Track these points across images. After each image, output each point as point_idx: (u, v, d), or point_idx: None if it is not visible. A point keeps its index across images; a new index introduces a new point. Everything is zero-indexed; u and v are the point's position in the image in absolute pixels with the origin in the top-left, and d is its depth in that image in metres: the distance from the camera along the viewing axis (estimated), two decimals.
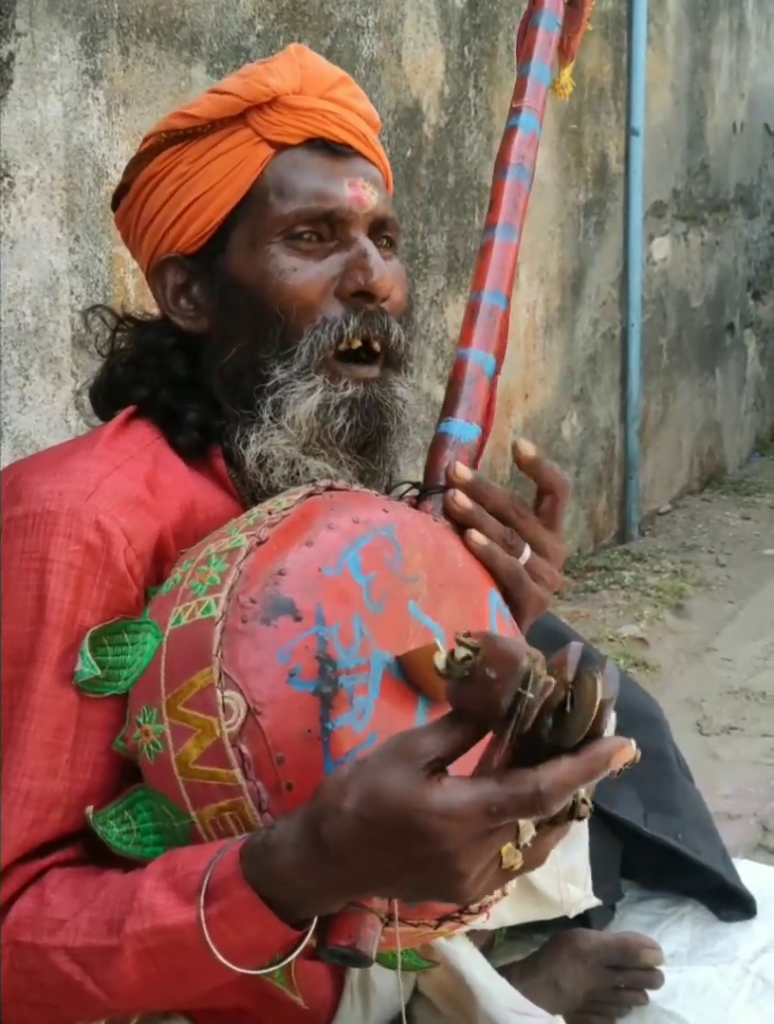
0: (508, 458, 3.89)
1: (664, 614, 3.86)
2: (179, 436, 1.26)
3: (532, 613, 1.25)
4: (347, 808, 0.93)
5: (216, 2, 2.49)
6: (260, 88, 1.28)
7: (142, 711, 1.07)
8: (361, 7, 2.99)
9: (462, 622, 1.14)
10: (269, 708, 1.02)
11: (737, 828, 2.46)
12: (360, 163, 1.31)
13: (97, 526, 1.15)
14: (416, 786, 0.91)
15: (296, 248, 1.27)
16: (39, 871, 1.11)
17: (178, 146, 1.30)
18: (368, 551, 1.11)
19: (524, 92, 1.52)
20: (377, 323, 1.27)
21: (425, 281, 3.36)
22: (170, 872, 1.02)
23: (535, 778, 0.89)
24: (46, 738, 1.12)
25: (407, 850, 0.92)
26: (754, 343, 6.19)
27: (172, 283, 1.32)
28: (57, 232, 2.15)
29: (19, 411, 2.10)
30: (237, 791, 1.02)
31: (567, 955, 1.64)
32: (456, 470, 1.25)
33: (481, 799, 0.90)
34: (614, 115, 4.42)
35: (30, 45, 2.07)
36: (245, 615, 1.05)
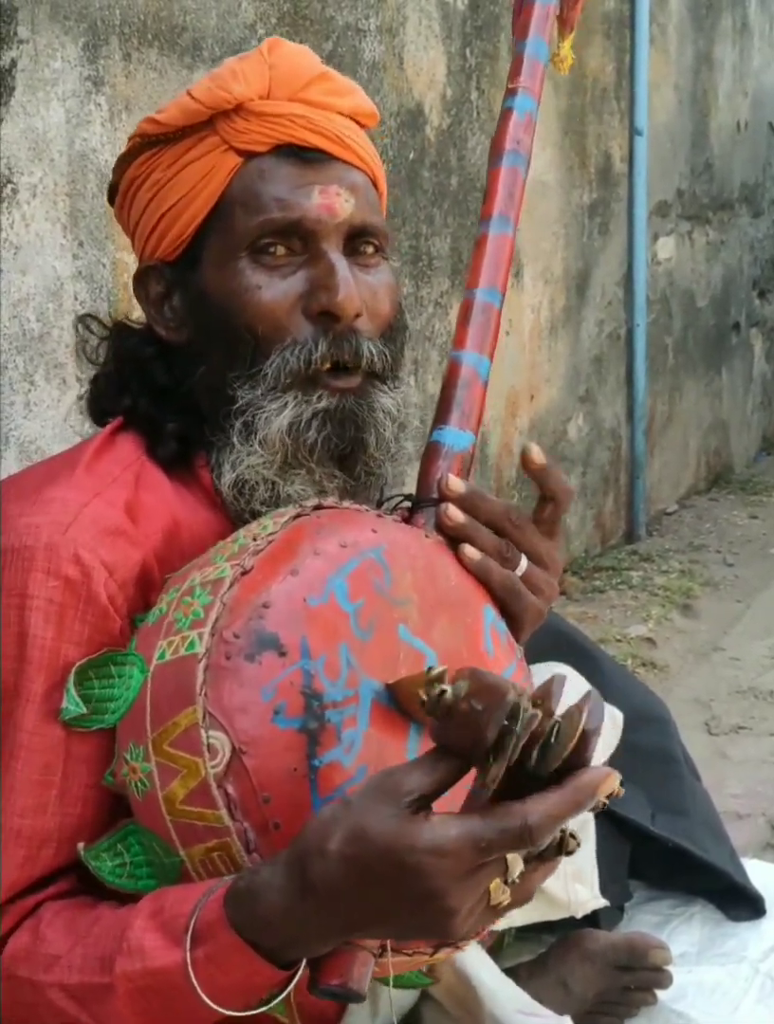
0: (514, 459, 3.89)
1: (672, 614, 3.86)
2: (158, 449, 1.23)
3: (530, 625, 1.22)
4: (332, 849, 0.92)
5: (217, 7, 2.50)
6: (223, 95, 1.23)
7: (129, 748, 1.06)
8: (363, 10, 2.99)
9: (455, 643, 1.12)
10: (254, 747, 1.01)
11: (746, 827, 2.46)
12: (337, 168, 1.24)
13: (76, 560, 1.12)
14: (402, 824, 0.90)
15: (262, 264, 1.22)
16: (34, 905, 1.10)
17: (153, 151, 1.26)
18: (355, 576, 1.08)
19: (520, 71, 1.44)
20: (346, 346, 1.21)
21: (429, 283, 3.36)
22: (158, 912, 1.01)
23: (523, 811, 0.88)
24: (34, 776, 1.11)
25: (395, 889, 0.91)
26: (760, 342, 6.18)
27: (154, 291, 1.28)
28: (61, 238, 2.15)
29: (24, 417, 2.10)
30: (224, 832, 1.01)
31: (575, 956, 1.63)
32: (449, 483, 1.20)
33: (470, 834, 0.89)
34: (617, 115, 4.42)
35: (32, 52, 2.08)
36: (229, 651, 1.03)
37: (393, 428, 1.25)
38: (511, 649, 1.19)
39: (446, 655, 1.11)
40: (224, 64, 1.27)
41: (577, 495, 4.33)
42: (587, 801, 0.91)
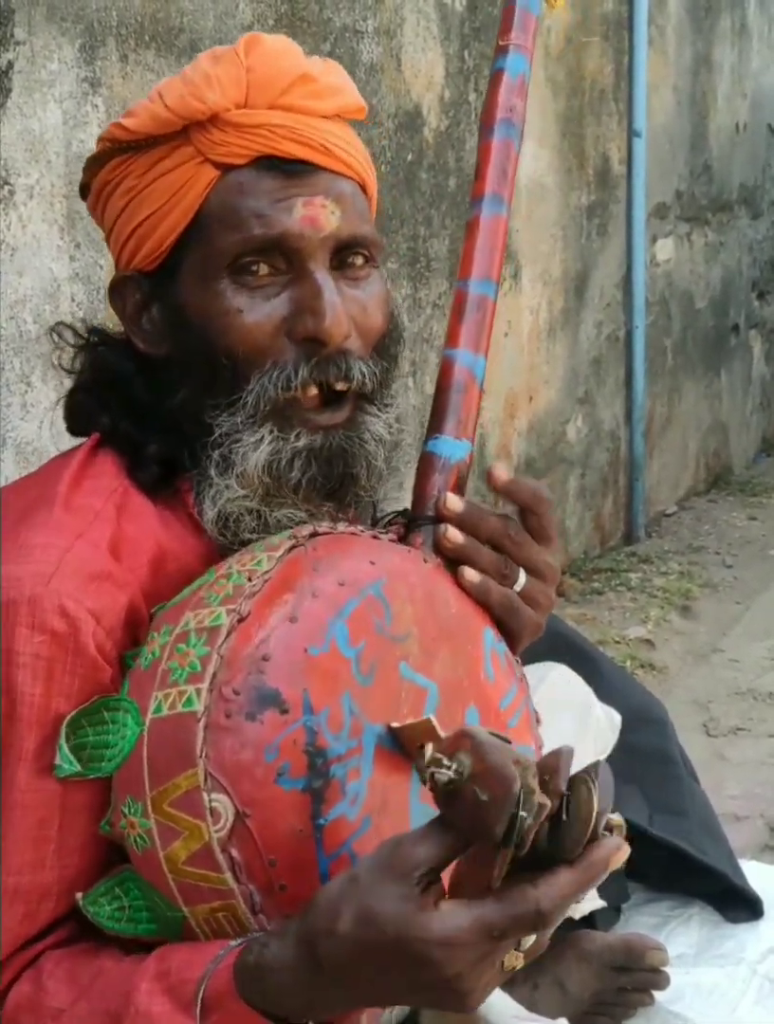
0: (513, 461, 3.89)
1: (671, 615, 3.85)
2: (139, 473, 1.17)
3: (528, 638, 1.20)
4: (342, 931, 0.90)
5: (215, 9, 2.50)
6: (196, 105, 1.14)
7: (127, 802, 1.03)
8: (360, 12, 2.99)
9: (456, 673, 1.10)
10: (258, 809, 0.99)
11: (744, 829, 2.46)
12: (322, 178, 1.16)
13: (61, 612, 1.07)
14: (412, 911, 0.88)
15: (244, 284, 1.14)
16: (34, 955, 1.09)
17: (125, 156, 1.18)
18: (355, 618, 1.05)
19: (511, 26, 1.30)
20: (334, 370, 1.15)
21: (427, 285, 3.36)
22: (165, 975, 1.00)
23: (535, 897, 0.87)
24: (30, 832, 1.08)
25: (407, 975, 0.90)
26: (759, 343, 6.18)
27: (131, 302, 1.21)
28: (58, 239, 2.15)
29: (21, 418, 2.10)
30: (229, 894, 0.99)
31: (572, 957, 1.64)
32: (447, 502, 1.16)
33: (481, 924, 0.88)
34: (616, 117, 4.41)
35: (29, 53, 2.08)
36: (229, 709, 1.00)
37: (385, 453, 1.20)
38: (511, 669, 1.18)
39: (447, 687, 1.10)
40: (197, 64, 1.18)
41: (576, 496, 4.33)
42: (600, 876, 0.89)
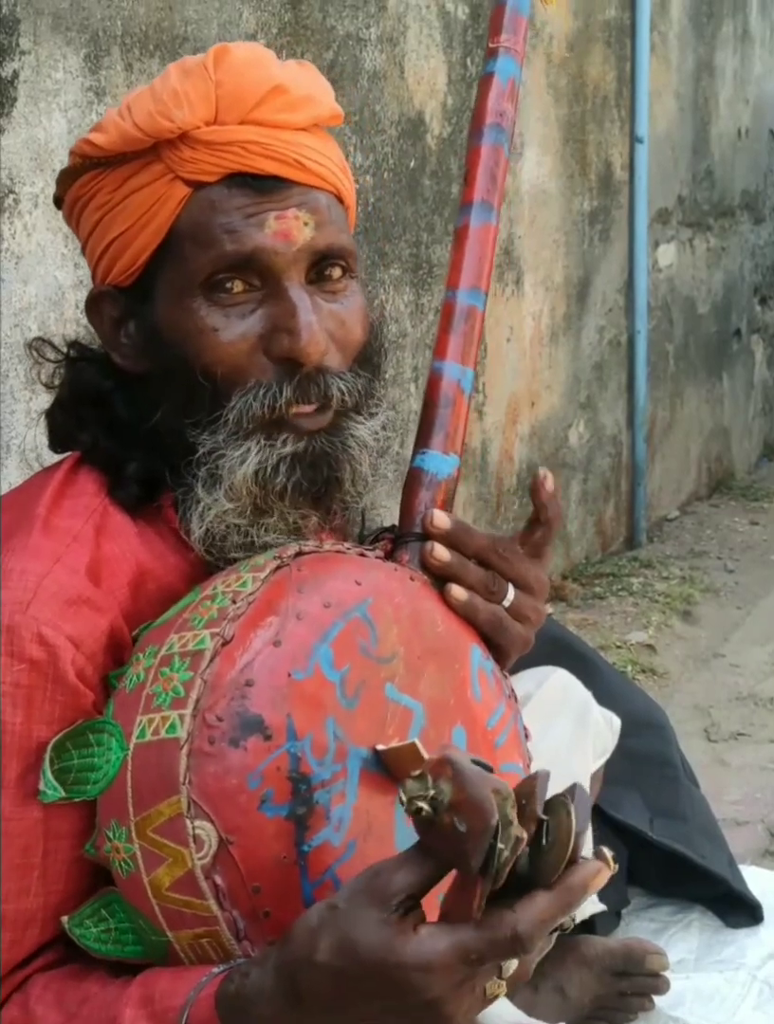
0: (515, 466, 3.90)
1: (672, 620, 3.86)
2: (118, 491, 1.17)
3: (516, 654, 1.20)
4: (321, 961, 0.90)
5: (219, 17, 2.51)
6: (164, 124, 1.11)
7: (111, 826, 1.03)
8: (363, 20, 3.01)
9: (443, 692, 1.10)
10: (241, 837, 0.99)
11: (745, 834, 2.47)
12: (294, 192, 1.13)
13: (40, 640, 1.07)
14: (390, 937, 0.88)
15: (218, 303, 1.13)
16: (22, 980, 1.10)
17: (96, 172, 1.16)
18: (340, 641, 1.05)
19: (500, 27, 1.28)
20: (314, 389, 1.14)
21: (430, 291, 3.37)
22: (149, 1001, 1.00)
23: (512, 920, 0.87)
24: (14, 860, 1.08)
25: (387, 1001, 0.90)
26: (761, 348, 6.18)
27: (108, 317, 1.20)
28: (62, 247, 2.17)
29: (26, 425, 2.12)
30: (213, 920, 1.00)
31: (572, 961, 1.64)
32: (434, 519, 1.15)
33: (458, 948, 0.87)
34: (618, 123, 4.43)
35: (34, 63, 2.09)
36: (212, 736, 1.00)
37: (370, 459, 1.18)
38: (499, 687, 1.17)
39: (433, 707, 1.09)
40: (166, 78, 1.15)
41: (578, 501, 4.34)
42: (579, 900, 0.89)
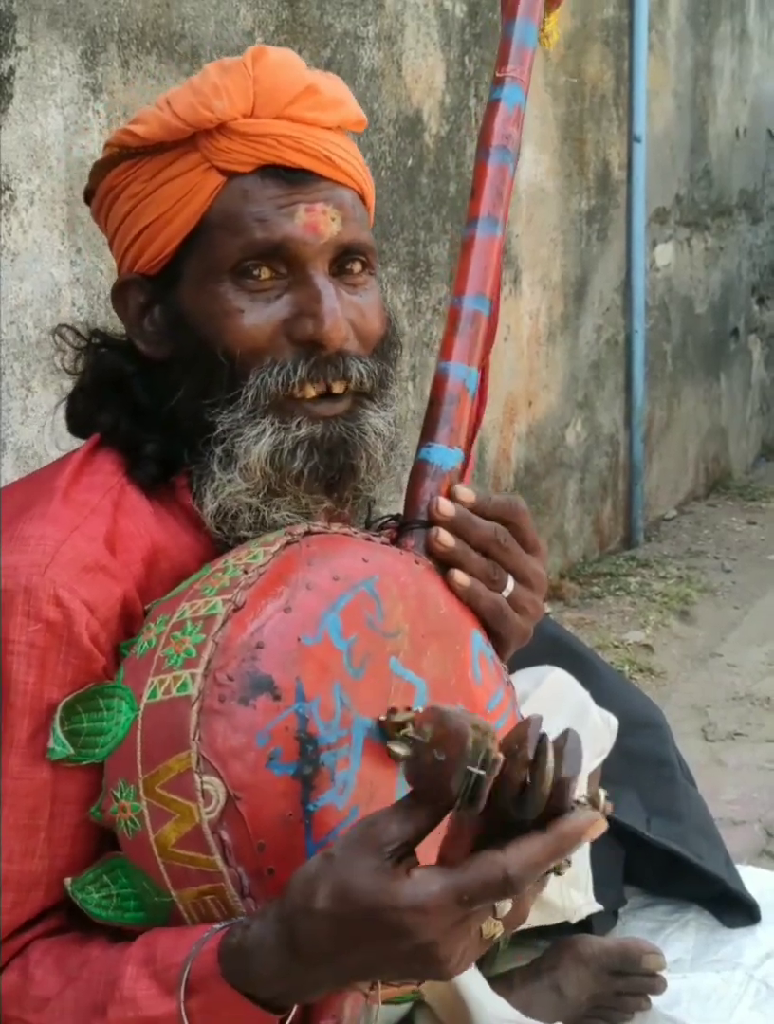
0: (512, 466, 3.89)
1: (669, 620, 3.86)
2: (136, 470, 1.21)
3: (515, 644, 1.22)
4: (318, 909, 0.92)
5: (216, 14, 2.51)
6: (205, 114, 1.18)
7: (119, 785, 1.05)
8: (361, 18, 3.00)
9: (445, 672, 1.12)
10: (249, 794, 1.00)
11: (742, 834, 2.46)
12: (323, 187, 1.20)
13: (56, 601, 1.10)
14: (384, 881, 0.90)
15: (245, 288, 1.18)
16: (22, 945, 1.11)
17: (132, 162, 1.22)
18: (348, 611, 1.08)
19: (508, 58, 1.37)
20: (332, 370, 1.18)
21: (427, 290, 3.37)
22: (150, 960, 1.02)
23: (503, 862, 0.89)
24: (21, 820, 1.10)
25: (384, 945, 0.92)
26: (759, 348, 6.18)
27: (134, 304, 1.25)
28: (59, 245, 2.16)
29: (21, 423, 2.11)
30: (218, 877, 1.01)
31: (569, 960, 1.64)
32: (439, 506, 1.19)
33: (451, 889, 0.89)
34: (616, 122, 4.42)
35: (30, 59, 2.09)
36: (222, 694, 1.02)
37: (384, 449, 1.22)
38: (498, 674, 1.19)
39: (435, 685, 1.11)
40: (205, 74, 1.22)
41: (575, 501, 4.34)
42: (570, 848, 0.90)
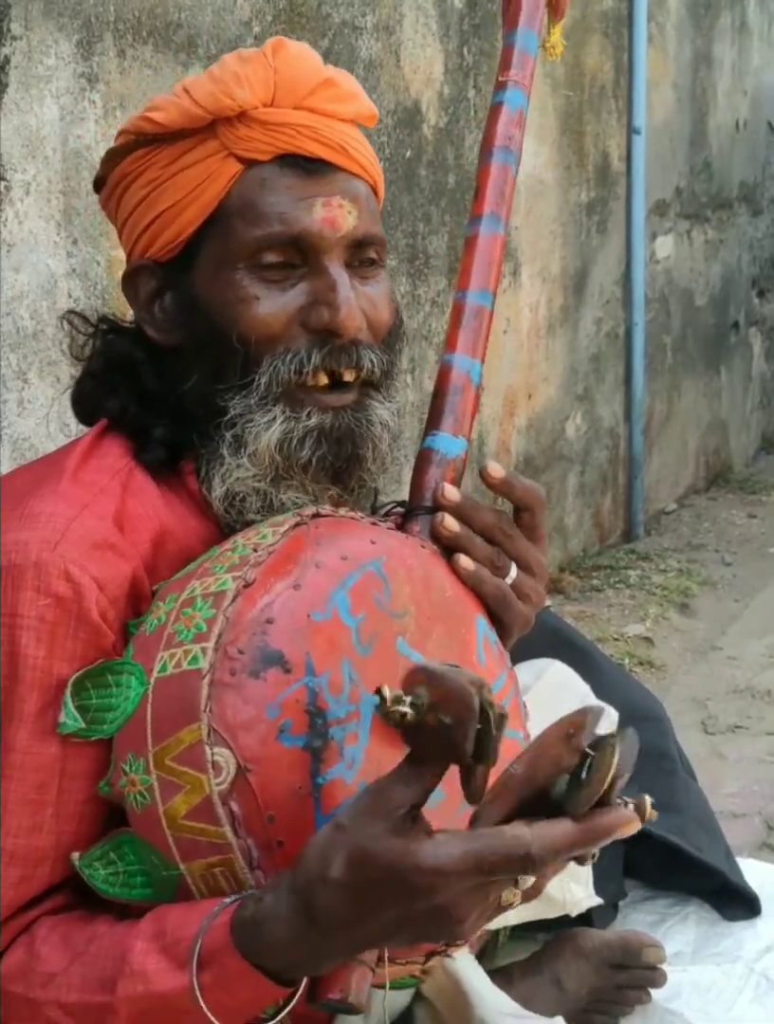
0: (512, 459, 3.88)
1: (670, 613, 3.85)
2: (145, 454, 1.22)
3: (518, 631, 1.24)
4: (334, 877, 0.92)
5: (213, 4, 2.49)
6: (226, 102, 1.20)
7: (128, 759, 1.05)
8: (359, 8, 2.99)
9: (450, 653, 1.13)
10: (259, 765, 1.01)
11: (742, 827, 2.46)
12: (339, 179, 1.22)
13: (66, 576, 1.11)
14: (402, 843, 0.90)
15: (261, 276, 1.20)
16: (29, 922, 1.11)
17: (148, 148, 1.23)
18: (357, 590, 1.09)
19: (510, 64, 1.41)
20: (345, 358, 1.20)
21: (426, 282, 3.36)
22: (160, 935, 1.02)
23: (528, 839, 0.88)
24: (29, 795, 1.10)
25: (401, 907, 0.92)
26: (759, 341, 6.18)
27: (144, 290, 1.26)
28: (55, 235, 2.15)
29: (18, 415, 2.10)
30: (227, 848, 1.01)
31: (569, 954, 1.63)
32: (444, 492, 1.21)
33: (472, 856, 0.89)
34: (615, 114, 4.41)
35: (26, 48, 2.07)
36: (233, 667, 1.03)
37: (389, 440, 1.24)
38: (502, 658, 1.21)
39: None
40: (225, 64, 1.24)
41: (575, 494, 4.33)
42: (599, 841, 0.90)
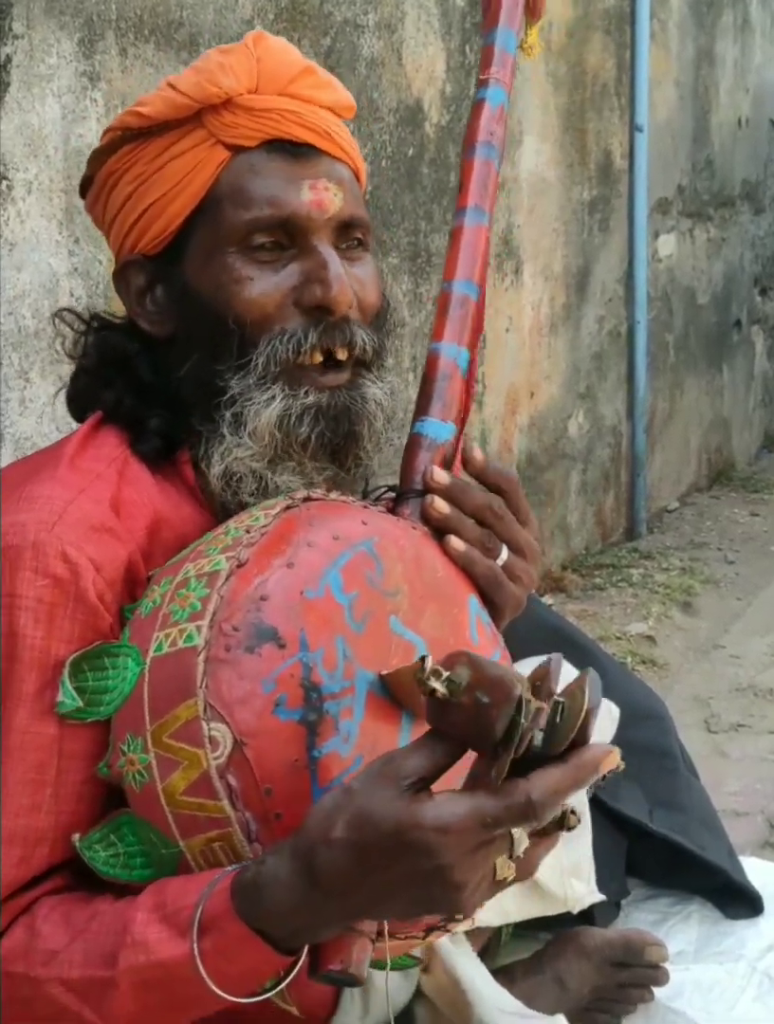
0: (514, 457, 3.88)
1: (672, 611, 3.85)
2: (141, 444, 1.24)
3: (510, 613, 1.25)
4: (337, 837, 0.93)
5: (215, 2, 2.49)
6: (212, 89, 1.22)
7: (126, 739, 1.06)
8: (361, 6, 2.99)
9: (443, 632, 1.14)
10: (255, 739, 1.02)
11: (745, 825, 2.46)
12: (324, 162, 1.24)
13: (64, 557, 1.12)
14: (406, 804, 0.92)
15: (252, 258, 1.22)
16: (29, 902, 1.11)
17: (135, 144, 1.25)
18: (349, 569, 1.10)
19: (491, 62, 1.44)
20: (339, 336, 1.22)
21: (428, 280, 3.36)
22: (161, 905, 1.02)
23: (527, 788, 0.90)
24: (28, 775, 1.11)
25: (403, 868, 0.93)
26: (762, 339, 6.17)
27: (135, 285, 1.27)
28: (56, 234, 2.15)
29: (20, 413, 2.10)
30: (226, 822, 1.02)
31: (571, 952, 1.63)
32: (434, 474, 1.23)
33: (475, 811, 0.91)
34: (617, 112, 4.41)
35: (27, 47, 2.07)
36: (228, 644, 1.04)
37: (383, 418, 1.25)
38: (495, 639, 1.22)
39: (434, 644, 1.13)
40: (207, 56, 1.26)
41: (577, 492, 4.33)
42: (589, 777, 0.93)
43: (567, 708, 0.91)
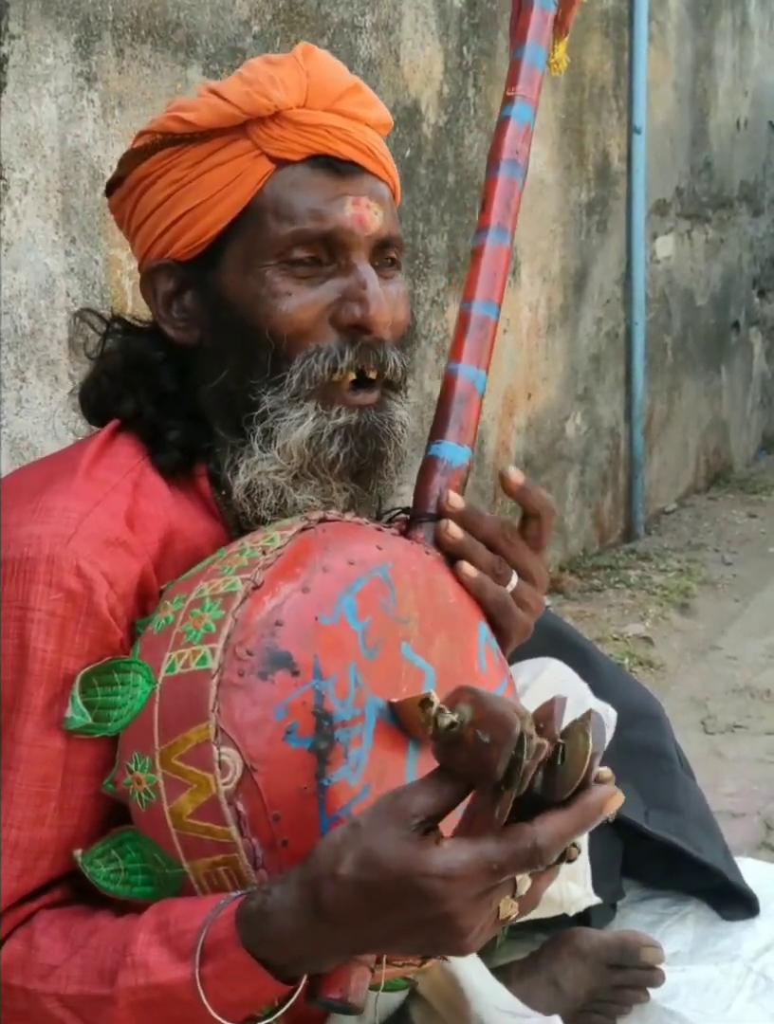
0: (511, 458, 3.88)
1: (669, 613, 3.85)
2: (159, 455, 1.23)
3: (517, 639, 1.25)
4: (344, 874, 0.94)
5: (212, 3, 2.49)
6: (262, 102, 1.22)
7: (133, 758, 1.07)
8: (358, 7, 2.99)
9: (452, 661, 1.14)
10: (265, 766, 1.02)
11: (741, 826, 2.46)
12: (367, 180, 1.25)
13: (78, 572, 1.12)
14: (413, 848, 0.92)
15: (292, 273, 1.22)
16: (28, 914, 1.11)
17: (174, 148, 1.24)
18: (363, 595, 1.10)
19: (518, 79, 1.43)
20: (373, 356, 1.23)
21: (426, 281, 3.36)
22: (163, 927, 1.02)
23: (532, 833, 0.91)
24: (32, 788, 1.11)
25: (407, 912, 0.93)
26: (760, 341, 6.17)
27: (163, 290, 1.27)
28: (53, 234, 2.15)
29: (16, 414, 2.10)
30: (232, 847, 1.02)
31: (567, 954, 1.63)
32: (449, 499, 1.23)
33: (481, 858, 0.91)
34: (616, 113, 4.41)
35: (24, 47, 2.07)
36: (242, 668, 1.04)
37: (407, 440, 1.27)
38: (502, 666, 1.22)
39: (443, 672, 1.13)
40: (254, 67, 1.26)
41: (575, 494, 4.33)
42: (594, 820, 0.93)
43: (570, 751, 0.91)
